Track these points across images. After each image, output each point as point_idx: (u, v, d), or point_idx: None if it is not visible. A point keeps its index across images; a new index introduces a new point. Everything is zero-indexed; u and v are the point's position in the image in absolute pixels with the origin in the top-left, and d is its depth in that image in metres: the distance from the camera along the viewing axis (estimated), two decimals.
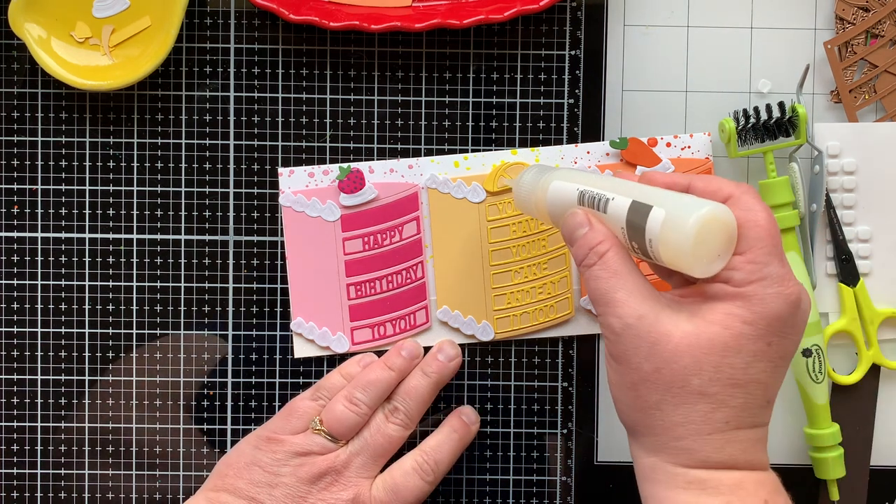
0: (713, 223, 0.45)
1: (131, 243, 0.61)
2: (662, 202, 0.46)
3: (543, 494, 0.62)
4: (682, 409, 0.46)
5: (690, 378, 0.46)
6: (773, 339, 0.46)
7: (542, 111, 0.61)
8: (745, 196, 0.47)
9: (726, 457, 0.46)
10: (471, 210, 0.60)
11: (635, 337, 0.46)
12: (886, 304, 0.61)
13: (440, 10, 0.59)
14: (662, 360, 0.46)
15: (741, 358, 0.45)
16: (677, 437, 0.46)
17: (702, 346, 0.45)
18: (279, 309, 0.61)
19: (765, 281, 0.45)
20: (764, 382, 0.46)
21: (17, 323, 0.61)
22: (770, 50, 0.61)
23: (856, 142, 0.60)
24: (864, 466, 0.62)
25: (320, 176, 0.60)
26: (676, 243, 0.45)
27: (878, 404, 0.62)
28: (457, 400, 0.61)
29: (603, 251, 0.48)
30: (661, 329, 0.46)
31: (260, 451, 0.56)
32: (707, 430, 0.46)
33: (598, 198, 0.49)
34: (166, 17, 0.58)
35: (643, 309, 0.46)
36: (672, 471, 0.47)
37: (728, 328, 0.45)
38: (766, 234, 0.46)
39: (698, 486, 0.46)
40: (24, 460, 0.61)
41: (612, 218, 0.48)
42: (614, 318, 0.47)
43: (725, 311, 0.46)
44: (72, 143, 0.61)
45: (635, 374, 0.47)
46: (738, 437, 0.46)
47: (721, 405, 0.46)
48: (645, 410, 0.47)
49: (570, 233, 0.50)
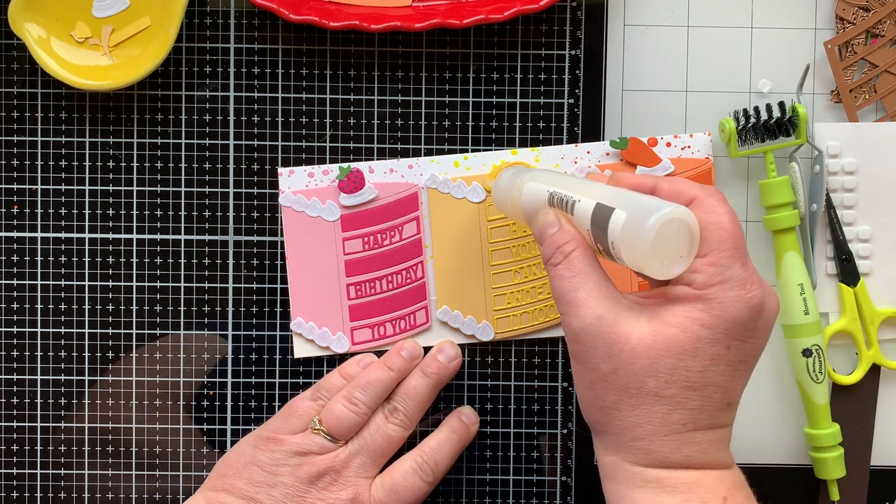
0: (673, 224, 0.45)
1: (131, 243, 0.61)
2: (625, 204, 0.46)
3: (543, 494, 0.62)
4: (639, 409, 0.46)
5: (647, 380, 0.46)
6: (733, 342, 0.46)
7: (542, 111, 0.61)
8: (709, 199, 0.47)
9: (683, 457, 0.46)
10: (471, 210, 0.60)
11: (593, 337, 0.47)
12: (886, 304, 0.61)
13: (440, 10, 0.59)
14: (619, 360, 0.46)
15: (698, 361, 0.45)
16: (635, 438, 0.47)
17: (658, 348, 0.45)
18: (279, 309, 0.61)
19: (726, 284, 0.45)
20: (723, 386, 0.46)
21: (17, 323, 0.61)
22: (770, 50, 0.61)
23: (856, 142, 0.60)
24: (864, 466, 0.61)
25: (320, 176, 0.60)
26: (636, 245, 0.45)
27: (878, 404, 0.62)
28: (457, 400, 0.61)
29: (569, 251, 0.48)
30: (619, 330, 0.46)
31: (259, 451, 0.56)
32: (664, 431, 0.46)
33: (565, 199, 0.50)
34: (166, 17, 0.58)
35: (602, 310, 0.47)
36: (630, 469, 0.47)
37: (686, 331, 0.45)
38: (729, 237, 0.46)
39: (656, 485, 0.46)
40: (24, 460, 0.61)
41: (578, 219, 0.49)
42: (574, 318, 0.47)
43: (684, 313, 0.46)
44: (72, 143, 0.61)
45: (593, 374, 0.47)
46: (696, 439, 0.46)
47: (677, 407, 0.46)
48: (603, 410, 0.48)
49: (541, 232, 0.50)
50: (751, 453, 0.62)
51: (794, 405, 0.61)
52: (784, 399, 0.61)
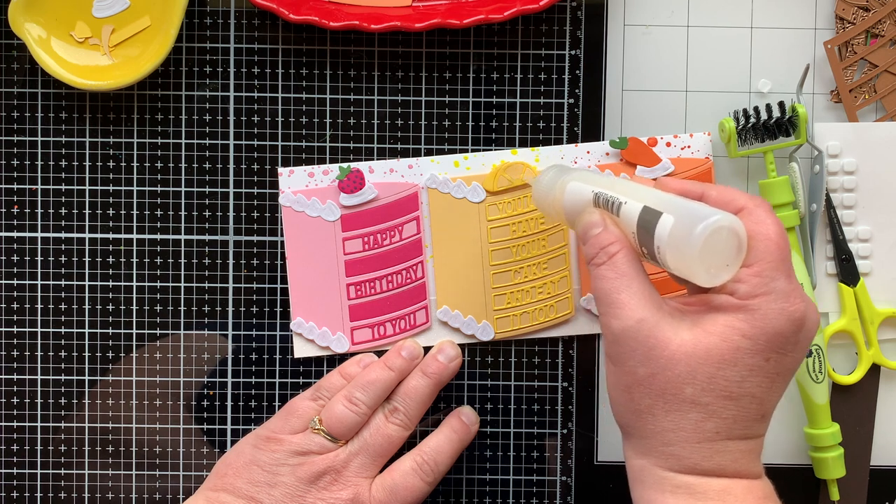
0: (722, 233, 0.45)
1: (131, 243, 0.61)
2: (673, 209, 0.46)
3: (543, 494, 0.62)
4: (674, 415, 0.46)
5: (684, 386, 0.46)
6: (772, 355, 0.45)
7: (542, 111, 0.61)
8: (757, 209, 0.47)
9: (715, 465, 0.46)
10: (471, 210, 0.60)
11: (633, 340, 0.46)
12: (886, 303, 0.61)
13: (440, 9, 0.59)
14: (658, 365, 0.46)
15: (736, 371, 0.45)
16: (667, 443, 0.47)
17: (698, 356, 0.45)
18: (279, 309, 0.61)
19: (770, 296, 0.45)
20: (759, 397, 0.46)
21: (17, 323, 0.61)
22: (770, 50, 0.61)
23: (856, 142, 0.60)
24: (864, 466, 0.61)
25: (320, 176, 0.60)
26: (683, 251, 0.45)
27: (878, 404, 0.62)
28: (457, 400, 0.61)
29: (613, 252, 0.48)
30: (660, 335, 0.46)
31: (259, 451, 0.56)
32: (697, 438, 0.46)
33: (611, 201, 0.49)
34: (166, 17, 0.58)
35: (644, 313, 0.46)
36: (660, 474, 0.47)
37: (726, 340, 0.45)
38: (776, 248, 0.46)
39: (686, 491, 0.46)
40: (24, 460, 0.61)
41: (624, 222, 0.48)
42: (614, 320, 0.47)
43: (726, 322, 0.45)
44: (72, 143, 0.61)
45: (630, 377, 0.47)
46: (728, 448, 0.46)
47: (712, 415, 0.46)
48: (637, 413, 0.47)
49: (585, 231, 0.50)
50: None
51: (794, 405, 0.61)
52: (784, 399, 0.61)
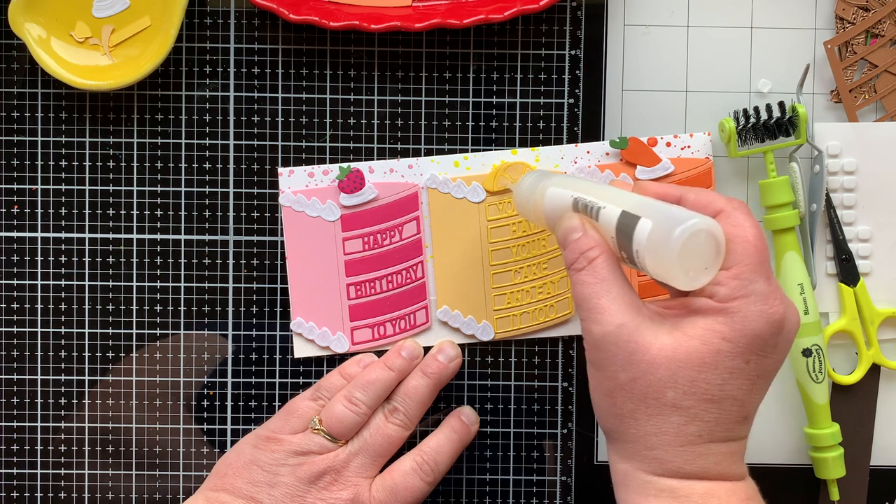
0: (699, 236, 0.45)
1: (131, 243, 0.61)
2: (651, 213, 0.46)
3: (543, 494, 0.62)
4: (656, 419, 0.46)
5: (665, 390, 0.46)
6: (752, 357, 0.46)
7: (542, 111, 0.61)
8: (735, 212, 0.47)
9: (698, 468, 0.46)
10: (471, 210, 0.60)
11: (613, 345, 0.46)
12: (886, 303, 0.61)
13: (440, 10, 0.59)
14: (639, 370, 0.46)
15: (717, 374, 0.45)
16: (650, 447, 0.47)
17: (679, 360, 0.45)
18: (279, 309, 0.61)
19: (749, 298, 0.45)
20: (740, 399, 0.46)
21: (17, 323, 0.61)
22: (770, 50, 0.61)
23: (856, 142, 0.60)
24: (864, 466, 0.61)
25: (320, 176, 0.60)
26: (661, 255, 0.45)
27: (878, 404, 0.62)
28: (457, 400, 0.61)
29: (593, 257, 0.48)
30: (640, 339, 0.46)
31: (259, 451, 0.56)
32: (679, 441, 0.46)
33: (590, 206, 0.49)
34: (166, 16, 0.58)
35: (624, 318, 0.46)
36: (644, 478, 0.47)
37: (706, 343, 0.45)
38: (754, 251, 0.46)
39: (669, 495, 0.46)
40: (24, 460, 0.61)
41: (603, 226, 0.49)
42: (595, 325, 0.47)
43: (706, 326, 0.46)
44: (72, 143, 0.61)
45: (611, 382, 0.47)
46: (711, 451, 0.46)
47: (694, 419, 0.46)
48: (620, 418, 0.47)
49: (564, 236, 0.50)
50: (751, 453, 0.61)
51: (794, 405, 0.61)
52: (784, 399, 0.61)
